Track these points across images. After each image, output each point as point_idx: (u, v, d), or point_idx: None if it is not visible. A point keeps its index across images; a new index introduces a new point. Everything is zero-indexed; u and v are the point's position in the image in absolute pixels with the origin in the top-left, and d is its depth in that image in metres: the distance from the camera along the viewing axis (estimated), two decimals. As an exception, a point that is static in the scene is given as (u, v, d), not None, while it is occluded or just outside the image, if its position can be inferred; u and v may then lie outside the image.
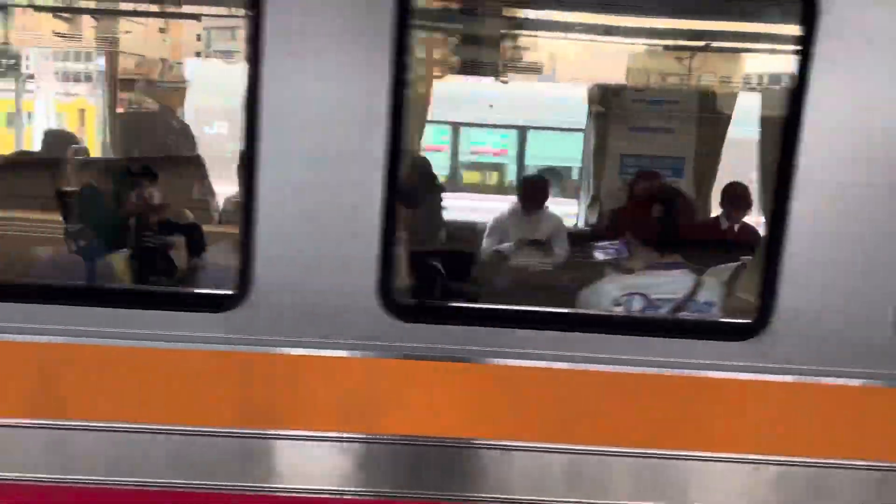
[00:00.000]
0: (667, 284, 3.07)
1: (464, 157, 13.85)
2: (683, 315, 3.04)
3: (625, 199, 5.70)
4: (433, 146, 11.51)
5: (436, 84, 6.61)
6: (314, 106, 2.61)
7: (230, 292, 2.72)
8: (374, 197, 2.60)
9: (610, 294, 3.08)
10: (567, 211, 7.24)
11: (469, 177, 14.17)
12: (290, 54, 2.58)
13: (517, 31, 6.66)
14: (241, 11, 2.72)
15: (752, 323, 2.74)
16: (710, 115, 6.63)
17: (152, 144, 6.27)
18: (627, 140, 6.79)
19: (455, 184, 12.77)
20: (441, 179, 7.63)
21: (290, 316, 2.69)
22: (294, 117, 2.60)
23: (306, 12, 2.57)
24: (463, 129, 13.30)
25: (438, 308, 3.17)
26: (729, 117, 6.49)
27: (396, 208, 2.65)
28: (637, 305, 3.01)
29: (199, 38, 9.36)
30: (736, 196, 5.35)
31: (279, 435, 2.75)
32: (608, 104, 6.96)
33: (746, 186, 5.41)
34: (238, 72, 2.66)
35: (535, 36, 7.15)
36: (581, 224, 7.02)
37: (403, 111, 2.59)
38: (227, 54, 9.20)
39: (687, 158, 6.62)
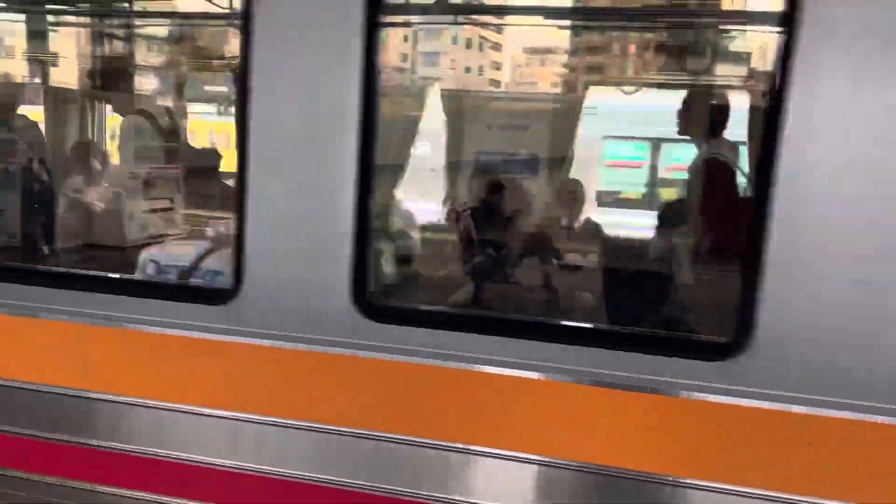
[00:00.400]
0: (180, 254, 4.11)
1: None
2: (170, 280, 4.00)
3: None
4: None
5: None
6: None
7: None
8: None
9: (140, 260, 4.15)
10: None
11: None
12: None
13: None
14: None
15: (230, 288, 3.09)
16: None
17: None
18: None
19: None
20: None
21: None
22: None
23: None
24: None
25: None
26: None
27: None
28: (150, 270, 4.07)
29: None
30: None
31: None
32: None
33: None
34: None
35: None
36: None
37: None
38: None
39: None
